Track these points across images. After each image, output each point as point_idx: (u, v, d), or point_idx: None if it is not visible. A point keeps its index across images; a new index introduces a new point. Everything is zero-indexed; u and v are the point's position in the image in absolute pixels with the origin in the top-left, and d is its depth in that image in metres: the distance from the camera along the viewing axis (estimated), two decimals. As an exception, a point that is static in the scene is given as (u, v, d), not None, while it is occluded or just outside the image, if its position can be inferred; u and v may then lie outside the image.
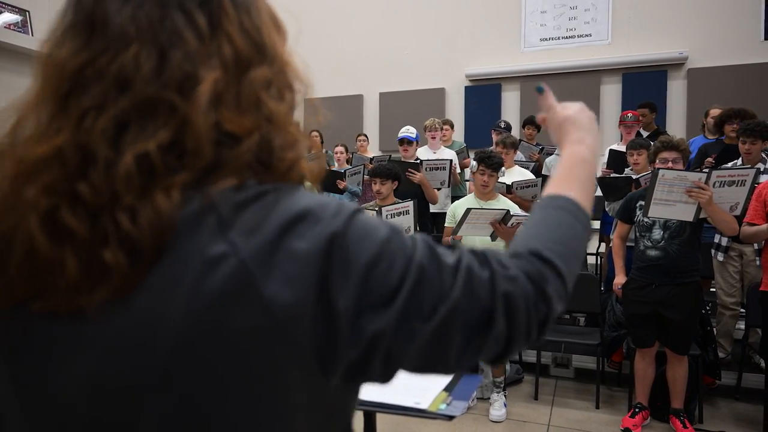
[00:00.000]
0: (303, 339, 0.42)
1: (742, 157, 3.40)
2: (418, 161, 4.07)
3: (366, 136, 6.23)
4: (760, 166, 3.30)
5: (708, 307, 3.40)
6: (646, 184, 3.34)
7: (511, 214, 2.91)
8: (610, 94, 6.74)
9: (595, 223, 4.79)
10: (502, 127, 5.07)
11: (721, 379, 3.28)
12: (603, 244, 4.73)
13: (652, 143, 3.22)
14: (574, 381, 3.64)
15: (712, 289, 3.81)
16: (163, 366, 0.41)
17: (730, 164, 3.51)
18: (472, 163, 3.20)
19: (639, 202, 2.90)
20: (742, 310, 3.49)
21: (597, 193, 4.13)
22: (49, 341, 0.44)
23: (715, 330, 3.43)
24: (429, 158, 4.27)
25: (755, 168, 2.77)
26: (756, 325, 3.25)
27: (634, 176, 3.63)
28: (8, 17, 7.01)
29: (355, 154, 5.81)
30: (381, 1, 7.75)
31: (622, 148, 4.16)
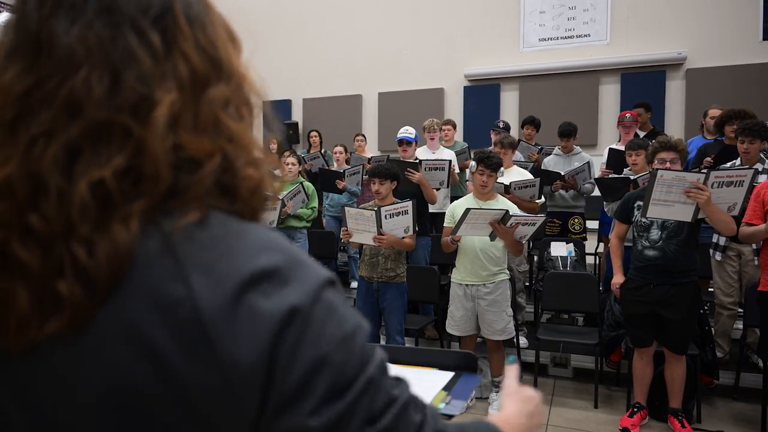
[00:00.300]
0: (247, 402, 0.40)
1: (741, 157, 3.41)
2: (417, 161, 4.07)
3: (364, 136, 6.23)
4: (758, 166, 3.31)
5: (706, 307, 3.41)
6: (644, 184, 3.35)
7: (510, 214, 2.91)
8: (609, 94, 6.75)
9: (593, 224, 4.80)
10: (501, 127, 5.07)
11: (719, 378, 3.29)
12: (602, 245, 4.74)
13: (651, 143, 3.23)
14: (572, 381, 3.65)
15: (711, 289, 3.82)
16: (107, 405, 0.40)
17: (728, 164, 3.52)
18: (471, 163, 3.20)
19: (637, 202, 2.90)
20: (740, 310, 3.50)
21: (596, 194, 4.14)
22: (2, 379, 0.43)
23: (713, 330, 3.44)
24: (428, 158, 4.27)
25: (753, 169, 2.78)
26: (754, 324, 3.26)
27: (632, 177, 3.64)
28: (8, 17, 7.01)
29: (353, 154, 5.81)
30: (380, 1, 7.75)
31: (621, 147, 4.18)
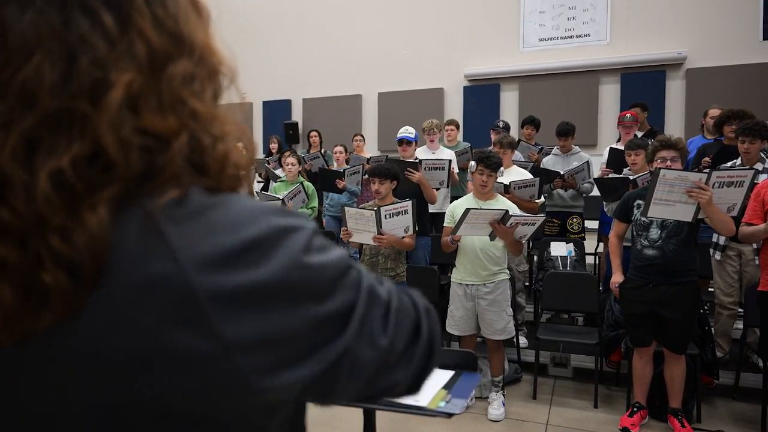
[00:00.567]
0: (246, 366, 0.41)
1: (741, 157, 3.41)
2: (417, 161, 4.07)
3: (362, 136, 6.24)
4: (758, 166, 3.31)
5: (706, 307, 3.41)
6: (644, 184, 3.35)
7: (510, 214, 2.91)
8: (609, 94, 6.76)
9: (593, 224, 4.80)
10: (501, 126, 5.07)
11: (719, 378, 3.29)
12: (601, 245, 4.74)
13: (650, 142, 3.23)
14: (572, 380, 3.65)
15: (711, 289, 3.82)
16: (106, 384, 0.41)
17: (729, 164, 3.52)
18: (471, 163, 3.21)
19: (637, 201, 2.90)
20: (740, 310, 3.50)
21: (595, 194, 4.15)
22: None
23: (713, 330, 3.44)
24: (428, 158, 4.28)
25: (753, 169, 2.78)
26: (754, 324, 3.26)
27: (632, 176, 3.64)
28: None
29: (353, 154, 5.82)
30: (380, 1, 7.75)
31: (621, 147, 4.18)
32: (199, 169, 0.44)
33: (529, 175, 4.04)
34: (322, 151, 5.82)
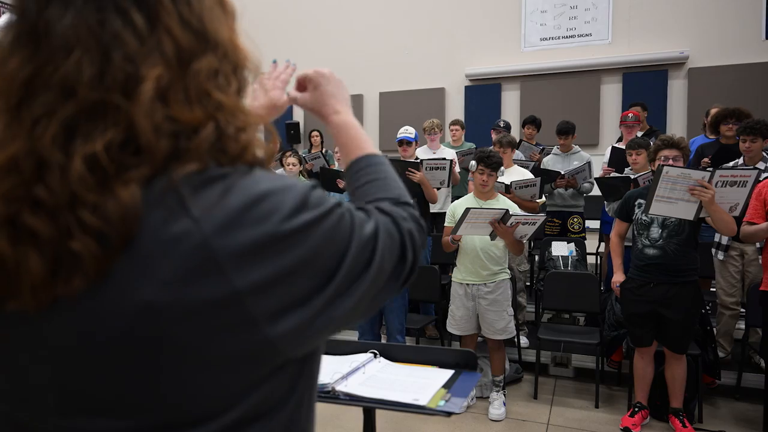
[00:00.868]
0: (256, 309, 0.45)
1: (744, 156, 3.40)
2: (418, 161, 4.07)
3: None
4: (761, 165, 3.30)
5: (708, 307, 3.40)
6: (645, 183, 3.35)
7: (510, 213, 2.91)
8: (611, 94, 6.74)
9: (594, 223, 4.79)
10: (502, 126, 5.07)
11: (721, 378, 3.28)
12: (603, 244, 4.73)
13: (652, 142, 3.22)
14: (573, 380, 3.64)
15: (713, 289, 3.81)
16: (132, 332, 0.44)
17: (731, 164, 3.50)
18: (472, 162, 3.20)
19: (638, 200, 2.90)
20: (743, 310, 3.49)
21: (596, 193, 4.14)
22: (21, 320, 0.46)
23: (715, 330, 3.43)
24: (429, 158, 4.27)
25: (757, 169, 2.76)
26: (756, 324, 3.25)
27: (633, 176, 3.64)
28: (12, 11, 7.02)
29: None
30: (381, 1, 7.75)
31: (623, 147, 4.17)
32: (221, 151, 0.48)
33: (530, 175, 4.03)
34: (323, 151, 5.82)
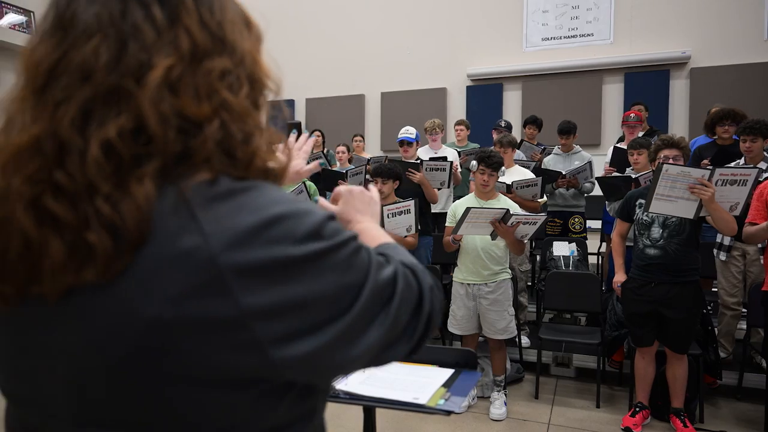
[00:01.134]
0: (263, 334, 0.45)
1: (745, 156, 3.40)
2: (419, 161, 4.08)
3: (362, 137, 6.24)
4: (762, 165, 3.29)
5: (710, 307, 3.40)
6: (646, 183, 3.34)
7: (511, 213, 2.91)
8: (612, 94, 6.74)
9: (595, 223, 4.78)
10: (503, 126, 5.07)
11: (722, 378, 3.28)
12: (604, 244, 4.73)
13: (653, 141, 3.22)
14: (574, 380, 3.64)
15: (714, 289, 3.80)
16: (141, 345, 0.44)
17: (733, 164, 3.50)
18: (472, 162, 3.21)
19: (639, 200, 2.90)
20: (744, 310, 3.49)
21: (597, 193, 4.13)
22: (38, 322, 0.47)
23: (717, 330, 3.42)
24: (430, 157, 4.28)
25: (758, 168, 2.76)
26: (758, 325, 3.24)
27: (634, 175, 3.63)
28: (12, 18, 7.04)
29: (353, 154, 5.83)
30: (383, 1, 7.76)
31: (625, 147, 4.17)
32: (229, 156, 0.48)
33: (532, 175, 4.03)
34: (325, 151, 5.83)
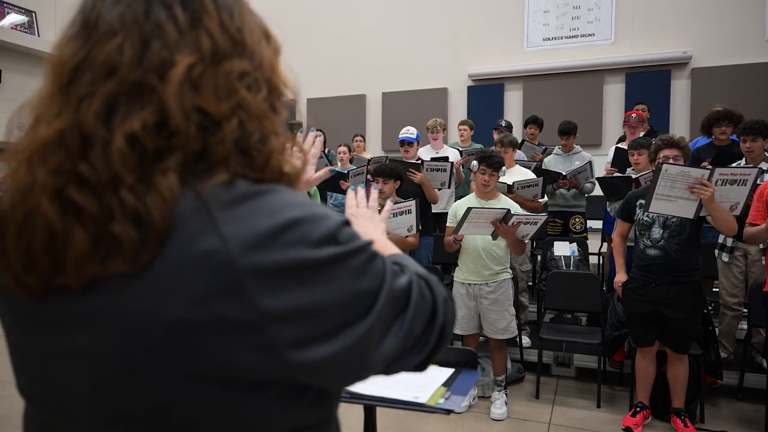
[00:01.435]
0: (280, 337, 0.45)
1: (745, 157, 3.40)
2: (419, 161, 4.08)
3: (362, 137, 6.24)
4: (763, 165, 3.29)
5: (711, 307, 3.40)
6: (647, 183, 3.34)
7: (512, 213, 2.92)
8: (614, 94, 6.73)
9: (596, 223, 4.78)
10: (503, 126, 5.07)
11: (723, 378, 3.28)
12: (605, 244, 4.73)
13: (653, 141, 3.22)
14: (575, 380, 3.65)
15: (715, 289, 3.80)
16: (157, 343, 0.45)
17: (734, 164, 3.50)
18: (473, 162, 3.21)
19: (639, 201, 2.90)
20: (745, 311, 3.49)
21: (598, 193, 4.14)
22: (62, 323, 0.48)
23: (717, 330, 3.42)
24: (431, 158, 4.28)
25: (758, 168, 2.76)
26: (758, 325, 3.25)
27: (635, 176, 3.63)
28: (15, 18, 7.06)
29: (354, 154, 5.83)
30: (384, 1, 7.76)
31: (626, 147, 4.17)
32: (246, 156, 0.49)
33: (532, 175, 4.03)
34: (326, 151, 5.83)
